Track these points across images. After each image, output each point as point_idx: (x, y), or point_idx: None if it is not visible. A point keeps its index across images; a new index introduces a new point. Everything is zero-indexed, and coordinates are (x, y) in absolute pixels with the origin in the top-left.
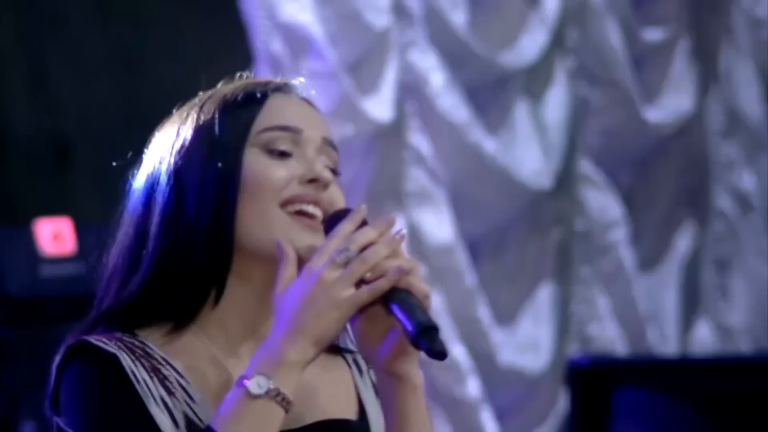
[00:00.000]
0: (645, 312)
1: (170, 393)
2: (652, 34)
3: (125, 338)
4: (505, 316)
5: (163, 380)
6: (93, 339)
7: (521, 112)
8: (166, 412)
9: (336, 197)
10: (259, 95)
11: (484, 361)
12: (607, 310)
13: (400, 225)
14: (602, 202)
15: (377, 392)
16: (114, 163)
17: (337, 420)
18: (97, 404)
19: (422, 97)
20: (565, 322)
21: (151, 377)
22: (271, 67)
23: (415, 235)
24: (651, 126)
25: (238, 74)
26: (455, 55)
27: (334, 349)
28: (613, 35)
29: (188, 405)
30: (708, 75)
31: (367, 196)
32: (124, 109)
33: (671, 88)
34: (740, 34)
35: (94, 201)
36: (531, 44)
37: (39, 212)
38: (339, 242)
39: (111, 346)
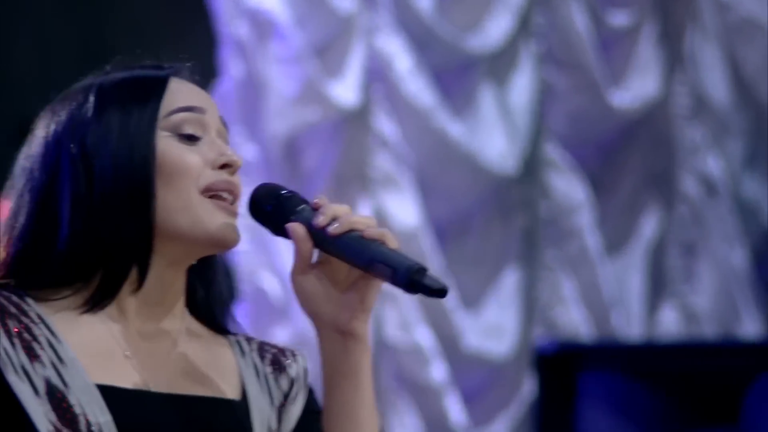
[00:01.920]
0: (610, 296)
1: (34, 357)
2: (618, 18)
3: (3, 293)
4: (470, 300)
5: (29, 342)
6: None
7: (486, 96)
8: (26, 379)
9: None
10: (160, 80)
11: (449, 345)
12: (572, 294)
13: (366, 210)
14: (567, 187)
15: (258, 373)
16: None
17: (218, 398)
18: None
19: (388, 82)
20: (530, 307)
21: (12, 344)
22: (236, 51)
23: (380, 220)
24: (616, 110)
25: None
26: (421, 40)
27: (219, 330)
28: (578, 19)
29: (54, 367)
30: (673, 58)
31: (333, 180)
32: None
33: (637, 71)
34: (706, 17)
35: None
36: (496, 28)
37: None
38: None
39: None
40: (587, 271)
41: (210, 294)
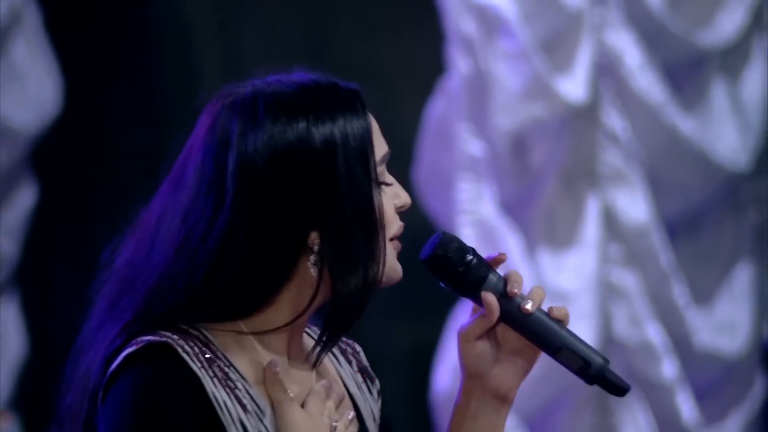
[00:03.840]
0: None
1: (243, 407)
2: None
3: (192, 333)
4: (702, 297)
5: (233, 390)
6: (177, 347)
7: (718, 91)
8: None
9: None
10: (361, 110)
11: (680, 342)
12: None
13: (594, 206)
14: None
15: (358, 385)
16: None
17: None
18: (162, 421)
19: (617, 77)
20: (763, 303)
21: (228, 395)
22: (463, 48)
23: (610, 216)
24: None
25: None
26: (650, 35)
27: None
28: None
29: (259, 419)
30: None
31: (561, 176)
32: None
33: None
34: None
35: None
36: (729, 23)
37: None
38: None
39: (194, 363)
40: None
41: None
